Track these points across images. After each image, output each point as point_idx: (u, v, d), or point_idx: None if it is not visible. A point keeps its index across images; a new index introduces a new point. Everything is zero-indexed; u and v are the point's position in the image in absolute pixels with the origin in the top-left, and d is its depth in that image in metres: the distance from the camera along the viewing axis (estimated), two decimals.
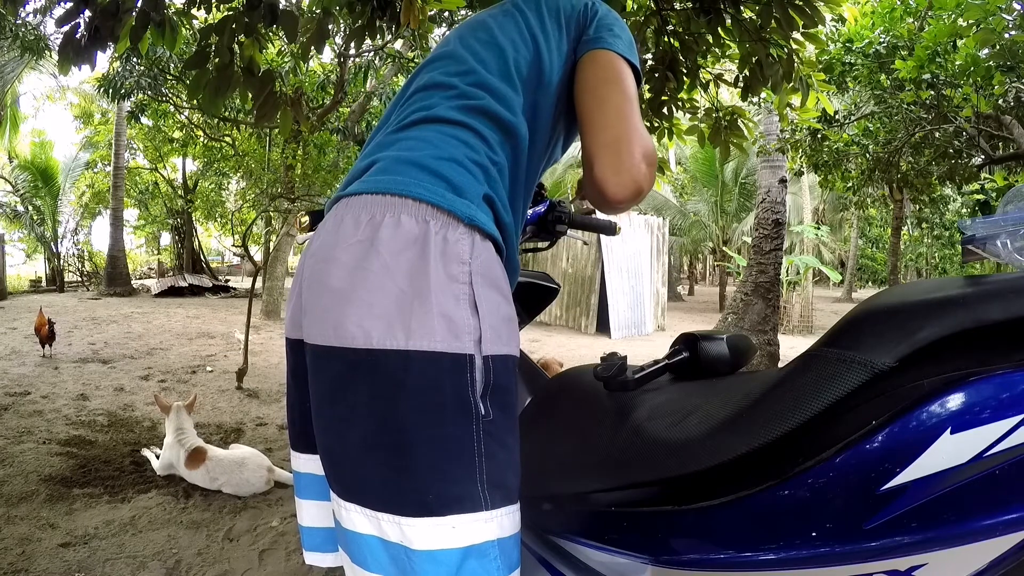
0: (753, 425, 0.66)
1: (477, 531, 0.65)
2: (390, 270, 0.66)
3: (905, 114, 5.42)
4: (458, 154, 0.74)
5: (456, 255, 0.67)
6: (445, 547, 0.64)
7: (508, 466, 0.69)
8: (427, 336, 0.65)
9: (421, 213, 0.68)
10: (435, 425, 0.65)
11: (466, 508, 0.65)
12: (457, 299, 0.66)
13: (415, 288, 0.66)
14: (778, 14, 2.36)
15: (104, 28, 2.39)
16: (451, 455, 0.65)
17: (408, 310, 0.65)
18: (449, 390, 0.65)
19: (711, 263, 26.11)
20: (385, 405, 0.65)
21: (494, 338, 0.68)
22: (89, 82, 12.13)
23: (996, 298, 0.58)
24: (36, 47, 7.71)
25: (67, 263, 15.56)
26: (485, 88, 0.81)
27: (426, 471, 0.65)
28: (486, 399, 0.67)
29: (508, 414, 0.70)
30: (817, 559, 0.61)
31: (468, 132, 0.77)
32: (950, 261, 14.95)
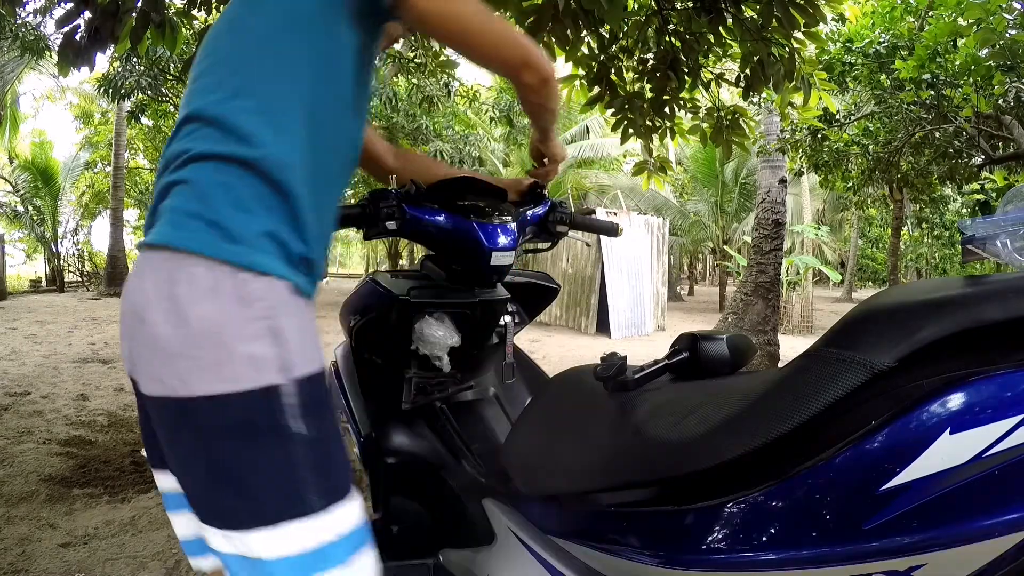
0: (753, 425, 0.66)
1: (316, 534, 0.73)
2: (192, 322, 0.72)
3: (905, 114, 5.41)
4: (230, 196, 0.76)
5: (247, 298, 0.73)
6: (290, 553, 0.73)
7: (334, 469, 0.77)
8: (235, 379, 0.71)
9: (209, 265, 0.73)
10: (259, 453, 0.73)
11: (301, 514, 0.73)
12: (257, 337, 0.72)
13: (218, 336, 0.72)
14: (779, 13, 2.36)
15: (104, 29, 2.39)
16: (280, 475, 0.73)
17: (216, 357, 0.72)
18: (263, 421, 0.72)
19: (711, 263, 26.11)
20: (213, 445, 0.73)
21: (299, 363, 0.74)
22: (89, 82, 12.17)
23: (996, 298, 0.58)
24: (36, 47, 7.71)
25: (67, 263, 15.56)
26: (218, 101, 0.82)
27: (260, 492, 0.73)
28: (301, 418, 0.74)
29: (324, 425, 0.77)
30: (817, 559, 0.61)
31: (232, 166, 0.77)
32: (950, 261, 14.94)
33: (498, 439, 1.35)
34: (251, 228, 0.75)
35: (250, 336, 0.72)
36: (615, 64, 3.04)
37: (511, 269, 1.31)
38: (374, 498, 1.35)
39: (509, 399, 1.47)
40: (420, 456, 1.32)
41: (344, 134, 0.89)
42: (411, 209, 1.18)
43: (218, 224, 0.74)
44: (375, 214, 1.13)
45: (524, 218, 1.33)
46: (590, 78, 3.06)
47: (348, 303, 1.40)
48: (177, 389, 0.72)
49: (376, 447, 1.32)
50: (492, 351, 1.43)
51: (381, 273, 1.36)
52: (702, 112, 3.24)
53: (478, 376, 1.43)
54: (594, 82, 3.05)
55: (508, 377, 1.41)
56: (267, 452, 0.73)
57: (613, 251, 9.08)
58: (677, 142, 3.51)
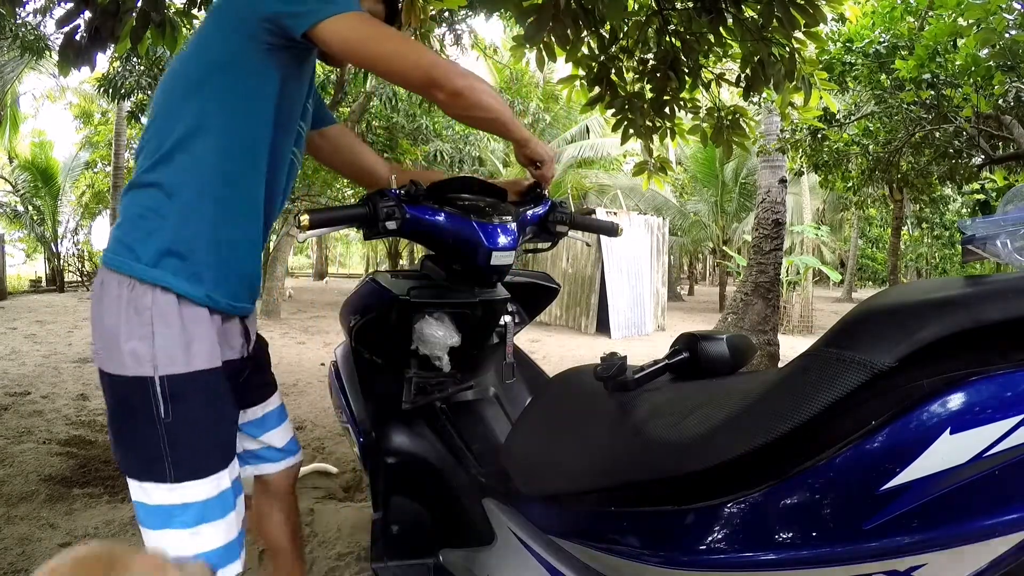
0: (753, 425, 0.66)
1: (165, 496, 0.96)
2: (104, 319, 0.98)
3: (905, 114, 5.41)
4: (140, 220, 0.99)
5: (139, 306, 0.96)
6: (147, 503, 0.97)
7: (189, 452, 0.97)
8: (122, 366, 0.96)
9: (119, 279, 0.97)
10: (133, 424, 0.97)
11: (156, 479, 0.96)
12: (141, 338, 0.95)
13: (116, 332, 0.96)
14: (779, 13, 2.36)
15: (104, 29, 2.39)
16: (145, 445, 0.96)
17: (114, 346, 0.96)
18: (137, 401, 0.96)
19: (711, 263, 26.10)
20: (112, 410, 1.00)
21: (168, 363, 0.96)
22: (89, 82, 12.15)
23: (996, 298, 0.58)
24: (36, 47, 7.71)
25: (67, 263, 15.56)
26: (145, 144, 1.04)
27: (131, 453, 0.98)
28: (164, 406, 0.95)
29: (186, 415, 0.97)
30: (817, 559, 0.61)
31: (148, 191, 1.00)
32: (950, 261, 14.94)
33: (498, 439, 1.35)
34: (151, 248, 0.97)
35: (136, 337, 0.96)
36: (615, 64, 3.04)
37: (511, 269, 1.31)
38: (374, 498, 1.35)
39: (509, 399, 1.47)
40: (420, 456, 1.32)
41: (261, 157, 1.05)
42: (411, 209, 1.18)
43: (130, 246, 0.98)
44: (375, 214, 1.13)
45: (524, 218, 1.33)
46: (590, 78, 3.06)
47: (348, 303, 1.40)
48: (100, 364, 0.99)
49: (376, 447, 1.32)
50: (492, 351, 1.43)
51: (381, 273, 1.36)
52: (702, 112, 3.24)
53: (478, 376, 1.43)
54: (594, 82, 3.05)
55: (508, 377, 1.41)
56: (138, 425, 0.96)
57: (613, 251, 9.08)
58: (677, 142, 3.51)
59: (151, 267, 0.96)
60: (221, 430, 1.04)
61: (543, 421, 1.07)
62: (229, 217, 1.02)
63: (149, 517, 0.97)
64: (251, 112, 1.02)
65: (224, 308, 1.05)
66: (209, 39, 1.03)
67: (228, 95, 1.00)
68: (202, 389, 1.00)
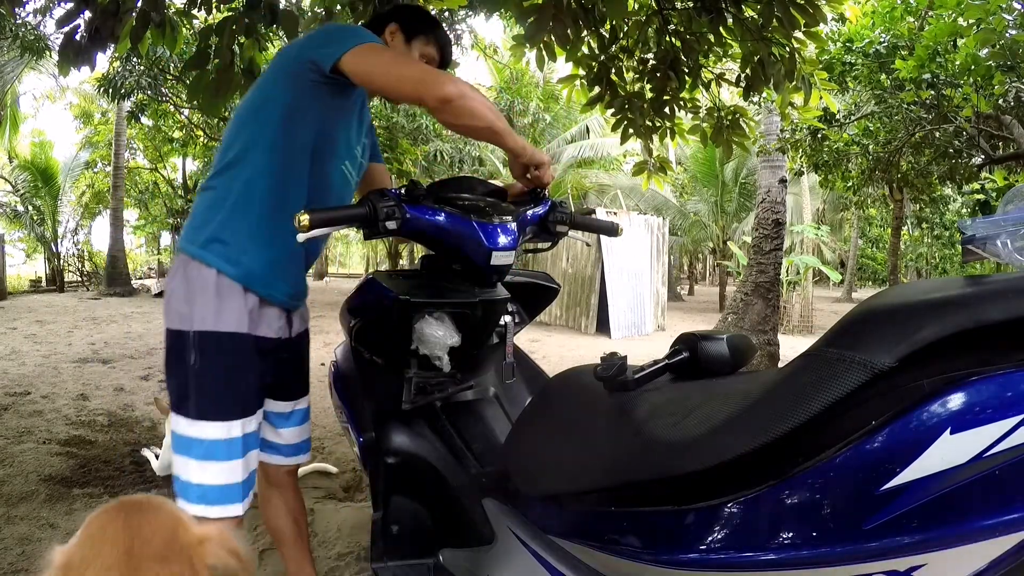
0: (753, 425, 0.66)
1: (186, 428, 1.21)
2: (169, 285, 1.27)
3: (905, 114, 5.41)
4: (199, 214, 1.27)
5: (188, 277, 1.23)
6: (176, 431, 1.23)
7: (210, 397, 1.21)
8: (171, 321, 1.24)
9: (180, 256, 1.27)
10: (174, 368, 1.23)
11: (182, 413, 1.22)
12: (186, 301, 1.22)
13: (172, 295, 1.25)
14: (780, 13, 2.36)
15: (104, 28, 2.39)
16: (179, 385, 1.22)
17: (170, 306, 1.25)
18: (178, 349, 1.22)
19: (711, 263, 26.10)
20: (165, 354, 1.26)
21: (199, 321, 1.21)
22: (89, 82, 12.15)
23: (996, 298, 0.58)
24: (36, 47, 7.71)
25: (67, 263, 15.56)
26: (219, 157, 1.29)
27: (173, 391, 1.24)
28: (195, 354, 1.20)
29: (211, 364, 1.21)
30: (817, 559, 0.61)
31: (206, 193, 1.28)
32: (950, 261, 14.93)
33: (498, 439, 1.35)
34: (203, 234, 1.24)
35: (183, 300, 1.23)
36: (615, 64, 3.04)
37: (511, 269, 1.31)
38: (374, 498, 1.35)
39: (509, 399, 1.47)
40: (420, 456, 1.32)
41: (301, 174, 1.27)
42: (411, 209, 1.18)
43: (189, 234, 1.27)
44: (375, 214, 1.13)
45: (524, 218, 1.33)
46: (590, 78, 3.06)
47: (348, 303, 1.40)
48: (164, 320, 1.27)
49: (376, 447, 1.32)
50: (492, 351, 1.43)
51: (381, 273, 1.36)
52: (702, 112, 3.24)
53: (478, 376, 1.43)
54: (594, 82, 3.05)
55: (508, 377, 1.41)
56: (177, 368, 1.23)
57: (613, 251, 9.07)
58: (677, 142, 3.50)
59: (201, 249, 1.23)
60: (238, 385, 1.24)
61: (543, 421, 1.07)
62: (268, 220, 1.24)
63: (176, 443, 1.23)
64: (292, 138, 1.24)
65: (258, 290, 1.26)
66: (266, 79, 1.29)
67: (273, 124, 1.23)
68: (225, 347, 1.22)
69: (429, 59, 1.41)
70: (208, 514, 1.20)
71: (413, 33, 1.39)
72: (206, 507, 1.20)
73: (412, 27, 1.39)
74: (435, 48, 1.41)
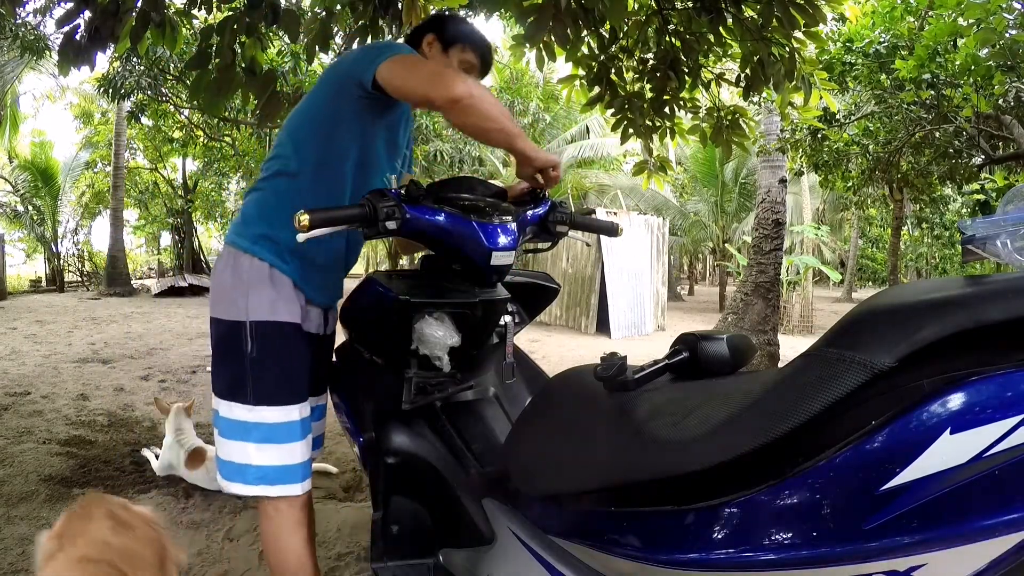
0: (753, 425, 0.66)
1: (243, 414, 1.27)
2: (219, 277, 1.33)
3: (905, 114, 5.40)
4: (250, 213, 1.34)
5: (240, 270, 1.30)
6: (228, 416, 1.28)
7: (267, 384, 1.27)
8: (225, 312, 1.29)
9: (230, 250, 1.33)
10: (227, 356, 1.30)
11: (239, 399, 1.27)
12: (240, 292, 1.28)
13: (224, 286, 1.31)
14: (779, 13, 2.36)
15: (104, 28, 2.39)
16: (234, 373, 1.28)
17: (223, 297, 1.30)
18: (232, 339, 1.28)
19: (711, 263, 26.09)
20: (214, 345, 1.33)
21: (255, 312, 1.27)
22: (89, 82, 12.15)
23: (996, 298, 0.58)
24: (36, 47, 7.71)
25: (67, 263, 15.56)
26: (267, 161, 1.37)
27: (222, 378, 1.30)
28: (251, 344, 1.26)
29: (268, 355, 1.27)
30: (817, 559, 0.61)
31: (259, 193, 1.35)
32: (950, 261, 14.92)
33: (498, 439, 1.35)
34: (253, 231, 1.32)
35: (235, 291, 1.28)
36: (615, 64, 3.04)
37: (511, 269, 1.31)
38: (374, 498, 1.34)
39: (509, 399, 1.46)
40: (420, 456, 1.32)
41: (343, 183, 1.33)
42: (411, 209, 1.18)
43: (240, 230, 1.33)
44: (375, 214, 1.13)
45: (524, 218, 1.33)
46: (590, 78, 3.06)
47: (348, 303, 1.40)
48: (211, 310, 1.33)
49: (376, 447, 1.32)
50: (492, 351, 1.43)
51: (381, 273, 1.36)
52: (702, 112, 3.24)
53: (478, 376, 1.43)
54: (594, 82, 3.05)
55: (508, 377, 1.41)
56: (231, 357, 1.29)
57: (613, 251, 9.07)
58: (677, 142, 3.50)
59: (252, 244, 1.30)
60: (293, 372, 1.31)
61: (543, 421, 1.07)
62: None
63: (229, 429, 1.27)
64: (336, 150, 1.31)
65: (303, 289, 1.33)
66: (316, 92, 1.35)
67: (319, 136, 1.30)
68: (281, 336, 1.29)
69: (468, 66, 1.42)
70: (269, 493, 1.27)
71: (450, 41, 1.41)
72: (266, 487, 1.27)
73: (448, 35, 1.42)
74: (473, 54, 1.43)
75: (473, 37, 1.44)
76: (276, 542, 1.30)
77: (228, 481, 1.29)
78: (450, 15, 1.52)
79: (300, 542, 1.31)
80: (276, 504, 1.29)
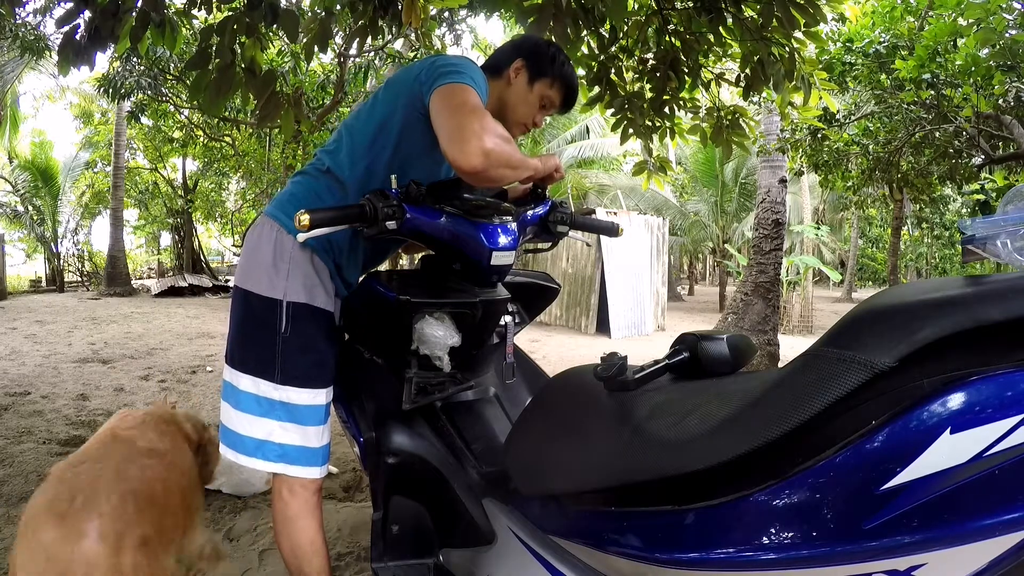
0: (753, 425, 0.66)
1: (269, 392, 1.26)
2: (257, 250, 1.30)
3: (905, 114, 5.41)
4: (296, 194, 1.32)
5: (283, 249, 1.28)
6: (252, 392, 1.27)
7: (298, 364, 1.26)
8: (260, 286, 1.27)
9: (273, 224, 1.30)
10: (256, 331, 1.28)
11: (266, 376, 1.26)
12: (279, 271, 1.27)
13: (263, 261, 1.28)
14: (779, 13, 2.36)
15: (104, 28, 2.39)
16: (264, 349, 1.26)
17: (260, 271, 1.28)
18: (265, 315, 1.26)
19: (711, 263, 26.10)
20: (240, 318, 1.31)
21: (293, 293, 1.26)
22: (89, 82, 12.12)
23: (996, 298, 0.58)
24: (36, 47, 7.71)
25: (67, 263, 15.55)
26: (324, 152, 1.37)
27: (250, 353, 1.28)
28: (285, 323, 1.25)
29: (300, 335, 1.27)
30: (817, 559, 0.61)
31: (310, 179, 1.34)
32: (950, 261, 14.93)
33: (498, 439, 1.35)
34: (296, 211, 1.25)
35: (277, 269, 1.26)
36: (615, 64, 3.04)
37: (511, 269, 1.31)
38: (374, 498, 1.35)
39: (509, 399, 1.47)
40: (420, 456, 1.32)
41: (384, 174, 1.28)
42: (411, 209, 1.18)
43: (285, 208, 1.30)
44: (375, 214, 1.13)
45: (524, 218, 1.33)
46: (590, 78, 3.06)
47: (348, 303, 1.40)
48: (240, 282, 1.31)
49: (376, 447, 1.32)
50: (492, 351, 1.43)
51: (381, 273, 1.36)
52: (702, 112, 3.24)
53: (478, 376, 1.43)
54: (594, 82, 3.05)
55: (508, 377, 1.41)
56: (262, 333, 1.27)
57: (613, 251, 9.07)
58: (677, 142, 3.51)
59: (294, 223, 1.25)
60: (323, 357, 1.30)
61: (543, 421, 1.07)
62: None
63: (253, 405, 1.26)
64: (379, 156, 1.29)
65: (335, 278, 1.34)
66: (380, 92, 1.34)
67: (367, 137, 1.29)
68: (315, 320, 1.28)
69: (549, 103, 1.39)
70: (288, 472, 1.27)
71: (539, 74, 1.36)
72: (286, 465, 1.26)
73: (539, 67, 1.36)
74: (559, 92, 1.39)
75: (565, 74, 1.38)
76: (291, 524, 1.29)
77: (245, 455, 1.27)
78: (546, 43, 1.42)
79: (314, 525, 1.30)
80: (292, 486, 1.29)
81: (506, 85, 1.37)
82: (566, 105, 1.42)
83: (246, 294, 1.29)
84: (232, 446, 1.29)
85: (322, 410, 1.30)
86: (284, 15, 2.49)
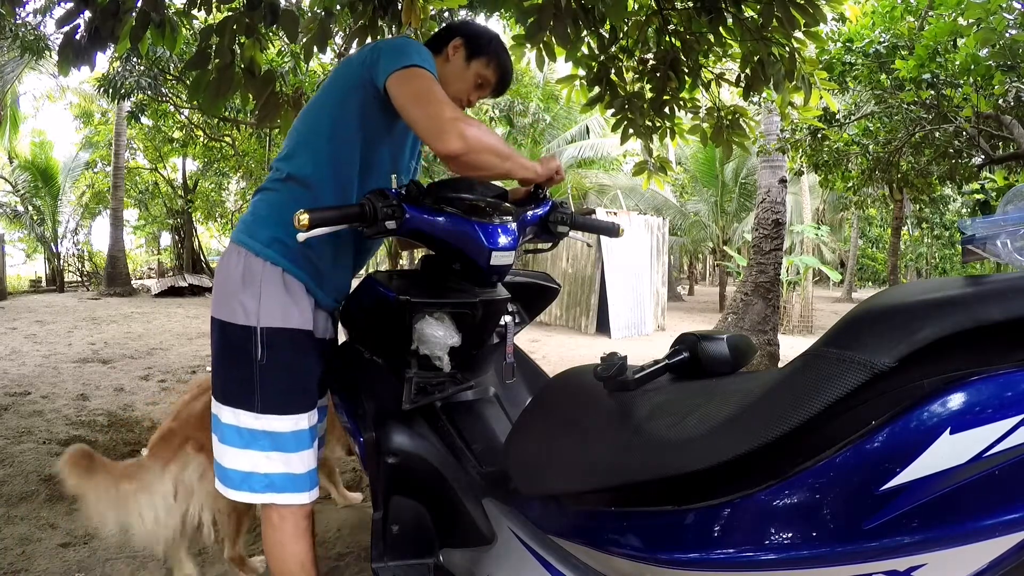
0: (753, 425, 0.66)
1: (251, 422, 1.24)
2: (226, 278, 1.27)
3: (905, 114, 5.40)
4: (260, 214, 1.29)
5: (252, 273, 1.25)
6: (232, 424, 1.25)
7: (277, 392, 1.24)
8: (233, 315, 1.24)
9: (240, 250, 1.27)
10: (233, 361, 1.25)
11: (245, 407, 1.24)
12: (251, 296, 1.23)
13: (233, 288, 1.25)
14: (779, 13, 2.36)
15: (104, 28, 2.39)
16: (241, 379, 1.24)
17: (231, 299, 1.25)
18: (241, 344, 1.23)
19: (711, 263, 26.09)
20: (218, 348, 1.28)
21: (267, 317, 1.23)
22: (89, 82, 12.12)
23: (996, 298, 0.58)
24: (36, 47, 7.70)
25: (67, 263, 15.56)
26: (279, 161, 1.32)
27: (228, 383, 1.26)
28: (261, 350, 1.22)
29: (278, 360, 1.24)
30: (817, 559, 0.61)
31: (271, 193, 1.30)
32: (950, 261, 14.93)
33: (498, 439, 1.35)
34: (265, 233, 1.26)
35: (248, 295, 1.23)
36: (615, 64, 3.04)
37: (511, 269, 1.31)
38: (374, 498, 1.34)
39: (509, 399, 1.46)
40: (420, 456, 1.32)
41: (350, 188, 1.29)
42: (411, 209, 1.18)
43: (250, 231, 1.27)
44: (375, 214, 1.13)
45: (524, 218, 1.33)
46: (590, 78, 3.06)
47: (348, 303, 1.40)
48: (215, 312, 1.28)
49: (376, 447, 1.32)
50: (492, 351, 1.43)
51: (380, 273, 1.36)
52: (702, 112, 3.23)
53: (478, 376, 1.43)
54: (594, 82, 3.05)
55: (508, 377, 1.41)
56: (238, 362, 1.24)
57: (613, 251, 9.07)
58: (677, 142, 3.50)
59: (265, 247, 1.25)
60: (304, 380, 1.28)
61: (543, 421, 1.07)
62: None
63: (235, 437, 1.24)
64: (341, 150, 1.27)
65: (315, 294, 1.30)
66: (325, 86, 1.30)
67: (323, 133, 1.26)
68: (292, 343, 1.25)
69: (484, 81, 1.42)
70: (277, 501, 1.26)
71: (476, 52, 1.40)
72: (274, 495, 1.25)
73: (476, 46, 1.40)
74: (494, 73, 1.42)
75: (500, 57, 1.42)
76: (280, 549, 1.30)
77: (232, 489, 1.26)
78: (484, 26, 1.49)
79: (304, 549, 1.31)
80: (281, 512, 1.29)
81: (444, 61, 1.40)
82: (500, 87, 1.45)
83: (222, 324, 1.26)
84: (221, 480, 1.28)
85: (306, 435, 1.28)
86: (284, 15, 2.49)
